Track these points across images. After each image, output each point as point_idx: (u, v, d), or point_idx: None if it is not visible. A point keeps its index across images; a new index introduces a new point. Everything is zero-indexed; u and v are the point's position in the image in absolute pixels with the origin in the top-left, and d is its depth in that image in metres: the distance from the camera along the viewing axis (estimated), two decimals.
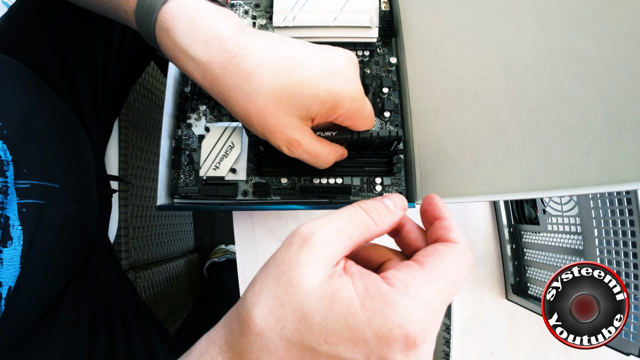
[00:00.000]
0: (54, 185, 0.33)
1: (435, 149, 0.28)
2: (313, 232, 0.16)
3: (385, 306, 0.15)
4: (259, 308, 0.15)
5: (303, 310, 0.15)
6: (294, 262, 0.16)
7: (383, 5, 0.36)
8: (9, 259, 0.29)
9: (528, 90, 0.24)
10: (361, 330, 0.14)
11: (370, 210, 0.19)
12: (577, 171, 0.22)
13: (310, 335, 0.15)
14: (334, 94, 0.22)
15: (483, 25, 0.27)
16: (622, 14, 0.21)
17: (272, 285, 0.16)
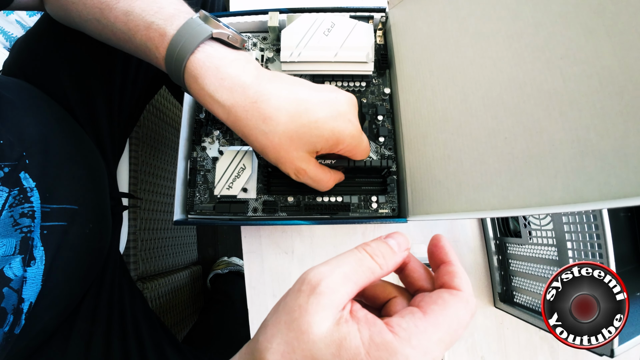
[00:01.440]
0: (74, 207, 0.36)
1: (424, 170, 0.32)
2: (321, 280, 0.17)
3: (389, 355, 0.15)
4: (271, 353, 0.17)
5: (313, 356, 0.16)
6: (303, 310, 0.17)
7: (378, 39, 0.40)
8: (32, 277, 0.31)
9: (503, 121, 0.28)
10: None
11: (375, 254, 0.19)
12: (545, 192, 0.25)
13: None
14: (336, 133, 0.27)
15: (465, 63, 0.31)
16: (587, 55, 0.25)
17: (284, 331, 0.17)
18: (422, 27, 0.35)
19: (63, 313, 0.38)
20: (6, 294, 0.29)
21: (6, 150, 0.30)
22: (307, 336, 0.16)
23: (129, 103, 0.48)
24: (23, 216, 0.30)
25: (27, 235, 0.31)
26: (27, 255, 0.31)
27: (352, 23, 0.36)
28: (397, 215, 0.35)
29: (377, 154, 0.36)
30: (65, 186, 0.35)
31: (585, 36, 0.25)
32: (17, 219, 0.30)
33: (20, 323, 0.31)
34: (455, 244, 0.44)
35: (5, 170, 0.30)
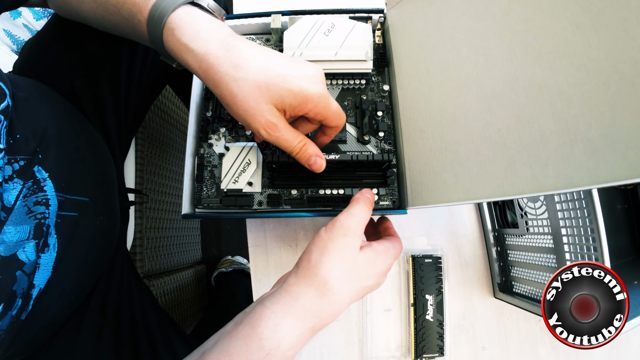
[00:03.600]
0: (85, 199, 0.37)
1: (422, 163, 0.33)
2: (357, 227, 0.28)
3: (384, 257, 0.30)
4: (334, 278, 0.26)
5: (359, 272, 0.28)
6: (350, 247, 0.28)
7: (377, 38, 0.42)
8: (45, 264, 0.32)
9: (496, 114, 0.29)
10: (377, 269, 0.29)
11: (369, 205, 0.31)
12: (537, 180, 0.27)
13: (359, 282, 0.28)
14: (304, 90, 0.28)
15: (459, 60, 0.32)
16: (575, 48, 0.26)
17: (339, 263, 0.27)
18: (418, 27, 0.36)
19: (71, 304, 0.39)
20: (19, 277, 0.30)
21: (22, 145, 0.31)
22: (356, 263, 0.28)
23: (135, 102, 0.49)
24: (37, 204, 0.31)
25: (41, 222, 0.32)
26: (42, 242, 0.32)
27: (351, 23, 0.37)
28: (397, 207, 0.36)
29: (378, 149, 0.37)
30: (77, 179, 0.37)
31: (572, 31, 0.26)
32: (31, 207, 0.31)
33: (28, 308, 0.31)
34: (454, 237, 0.45)
35: (21, 163, 0.31)
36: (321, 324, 0.26)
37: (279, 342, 0.24)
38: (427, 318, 0.42)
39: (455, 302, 0.44)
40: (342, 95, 0.39)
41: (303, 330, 0.26)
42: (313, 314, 0.26)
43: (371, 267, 0.28)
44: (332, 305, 0.26)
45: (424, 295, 0.42)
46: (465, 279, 0.45)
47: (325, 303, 0.26)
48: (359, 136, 0.37)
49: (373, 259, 0.29)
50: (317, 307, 0.26)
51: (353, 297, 0.28)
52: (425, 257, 0.42)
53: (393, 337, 0.43)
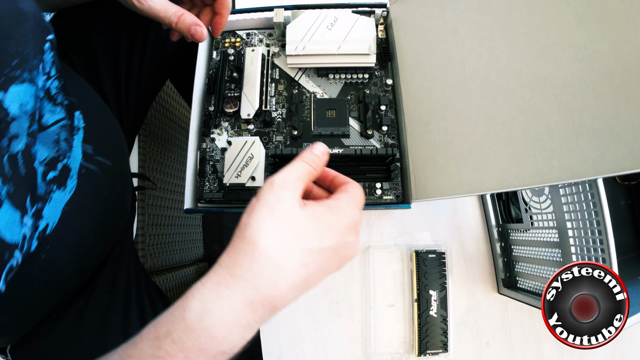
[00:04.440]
0: (108, 162, 0.38)
1: (426, 157, 0.33)
2: (285, 180, 0.24)
3: (341, 211, 0.24)
4: (263, 237, 0.22)
5: (299, 227, 0.23)
6: (280, 200, 0.23)
7: (380, 33, 0.41)
8: (57, 199, 0.32)
9: (501, 106, 0.29)
10: (334, 225, 0.24)
11: (310, 161, 0.26)
12: (542, 172, 0.26)
13: (307, 240, 0.23)
14: None
15: (463, 53, 0.32)
16: (579, 41, 0.26)
17: (269, 220, 0.22)
18: (421, 21, 0.36)
19: (78, 266, 0.38)
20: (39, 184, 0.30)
21: (69, 89, 0.32)
22: (291, 216, 0.23)
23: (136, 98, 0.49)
24: (65, 141, 0.32)
25: (59, 158, 0.32)
26: (57, 176, 0.32)
27: (354, 17, 0.37)
28: (401, 201, 0.36)
29: (381, 143, 0.37)
30: (104, 142, 0.38)
31: (576, 23, 0.26)
32: (60, 139, 0.32)
33: (33, 243, 0.30)
34: (458, 232, 0.45)
35: (65, 102, 0.32)
36: (260, 296, 0.22)
37: (202, 314, 0.21)
38: (431, 314, 0.41)
39: (459, 297, 0.44)
40: (345, 89, 0.39)
41: (234, 303, 0.21)
42: (244, 282, 0.21)
43: (324, 224, 0.23)
44: (269, 270, 0.22)
45: (428, 291, 0.41)
46: (469, 274, 0.44)
47: (258, 268, 0.21)
48: (362, 130, 0.37)
49: (324, 214, 0.24)
50: (249, 274, 0.21)
51: (304, 261, 0.23)
52: (429, 253, 0.42)
53: (396, 333, 0.43)
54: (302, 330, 0.43)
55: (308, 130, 0.38)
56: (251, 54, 0.39)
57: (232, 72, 0.40)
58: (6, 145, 0.27)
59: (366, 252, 0.43)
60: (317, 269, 0.23)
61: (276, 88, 0.39)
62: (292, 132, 0.37)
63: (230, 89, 0.39)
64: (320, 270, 0.24)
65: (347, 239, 0.25)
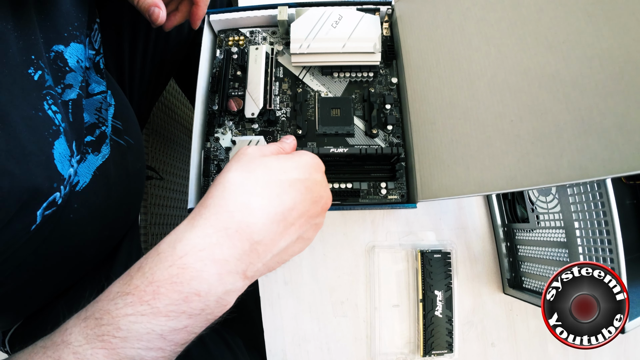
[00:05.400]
0: (132, 141, 0.40)
1: (432, 156, 0.32)
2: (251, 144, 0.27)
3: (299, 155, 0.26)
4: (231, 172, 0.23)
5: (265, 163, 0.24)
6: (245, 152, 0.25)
7: (385, 31, 0.41)
8: (90, 161, 0.33)
9: (509, 105, 0.29)
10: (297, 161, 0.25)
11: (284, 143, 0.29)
12: (551, 171, 0.26)
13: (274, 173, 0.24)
14: None
15: (470, 50, 0.32)
16: (588, 39, 0.26)
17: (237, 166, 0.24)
18: (427, 18, 0.36)
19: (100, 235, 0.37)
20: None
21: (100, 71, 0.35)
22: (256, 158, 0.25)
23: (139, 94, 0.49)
24: (105, 111, 0.36)
25: (98, 125, 0.35)
26: (95, 143, 0.34)
27: (359, 15, 0.37)
28: (406, 201, 0.36)
29: (386, 142, 0.37)
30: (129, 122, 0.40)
31: (585, 20, 0.26)
32: (102, 108, 0.36)
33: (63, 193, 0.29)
34: (463, 232, 0.45)
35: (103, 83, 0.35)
36: (235, 222, 0.21)
37: (175, 242, 0.20)
38: (436, 314, 0.41)
39: (464, 298, 0.44)
40: (350, 88, 0.39)
41: (207, 230, 0.21)
42: (217, 208, 0.22)
43: (287, 161, 0.25)
44: (240, 196, 0.22)
45: (433, 291, 0.41)
46: (475, 274, 0.44)
47: (228, 196, 0.22)
48: (367, 129, 0.37)
49: (284, 156, 0.25)
50: (222, 201, 0.22)
51: (274, 191, 0.23)
52: (434, 253, 0.41)
53: (401, 334, 0.43)
54: (306, 330, 0.42)
55: (312, 129, 0.37)
56: (255, 52, 0.38)
57: (235, 71, 0.39)
58: (60, 92, 0.30)
59: (371, 252, 0.43)
60: (292, 204, 0.23)
61: (280, 87, 0.39)
62: (296, 131, 0.37)
63: (234, 87, 0.39)
64: (296, 207, 0.23)
65: (314, 176, 0.25)
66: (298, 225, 0.24)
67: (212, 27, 0.41)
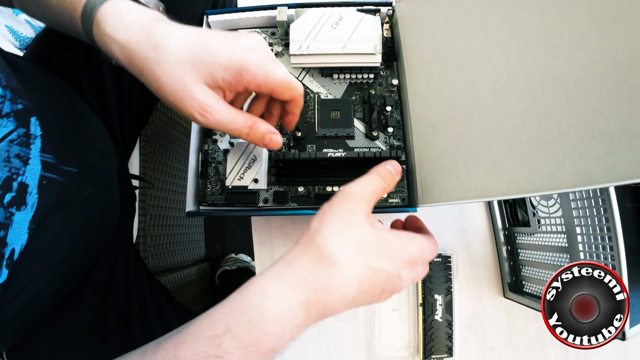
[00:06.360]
0: (73, 169, 0.35)
1: (433, 159, 0.32)
2: (362, 193, 0.25)
3: (405, 244, 0.25)
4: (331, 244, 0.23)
5: (366, 243, 0.24)
6: (353, 213, 0.24)
7: (385, 32, 0.41)
8: (19, 222, 0.30)
9: (511, 108, 0.28)
10: (395, 253, 0.24)
11: (385, 177, 0.28)
12: (554, 177, 0.26)
13: (368, 257, 0.24)
14: (235, 61, 0.25)
15: (472, 52, 0.31)
16: (592, 41, 0.25)
17: (339, 229, 0.24)
18: (428, 19, 0.35)
19: (60, 280, 0.36)
20: None
21: (22, 93, 0.30)
22: (360, 231, 0.24)
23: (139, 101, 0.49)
24: (17, 157, 0.29)
25: (13, 177, 0.29)
26: (13, 197, 0.29)
27: (359, 16, 0.36)
28: (407, 204, 0.35)
29: (387, 144, 0.36)
30: (68, 147, 0.36)
31: (589, 23, 0.26)
32: (10, 156, 0.29)
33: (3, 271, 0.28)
34: (463, 235, 0.44)
35: (19, 107, 0.29)
36: (316, 300, 0.22)
37: (264, 309, 0.21)
38: (436, 318, 0.41)
39: (464, 301, 0.43)
40: (350, 89, 0.38)
41: (292, 302, 0.22)
42: (307, 283, 0.22)
43: (386, 246, 0.24)
44: (331, 277, 0.22)
45: (433, 295, 0.41)
46: (475, 278, 0.44)
47: (321, 273, 0.22)
48: (368, 132, 0.37)
49: (389, 238, 0.25)
50: (312, 277, 0.22)
51: (360, 276, 0.23)
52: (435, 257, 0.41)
53: (401, 338, 0.43)
54: (305, 334, 0.42)
55: (312, 131, 0.37)
56: None
57: None
58: None
59: None
60: (367, 289, 0.24)
61: None
62: (295, 134, 0.36)
63: None
64: (368, 292, 0.24)
65: (401, 272, 0.25)
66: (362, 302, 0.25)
67: (211, 27, 0.40)
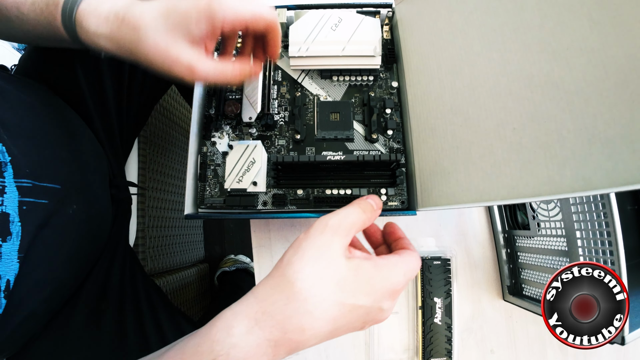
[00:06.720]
0: (56, 186, 0.35)
1: (433, 162, 0.32)
2: (340, 225, 0.24)
3: (385, 275, 0.24)
4: (302, 280, 0.22)
5: (341, 279, 0.22)
6: (328, 246, 0.23)
7: (385, 34, 0.40)
8: (7, 253, 0.30)
9: (511, 112, 0.28)
10: (374, 286, 0.23)
11: (366, 210, 0.26)
12: (554, 181, 0.26)
13: (343, 294, 0.22)
14: (201, 11, 0.26)
15: (473, 56, 0.31)
16: (593, 45, 0.25)
17: (312, 263, 0.22)
18: (428, 22, 0.35)
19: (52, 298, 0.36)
20: None
21: None
22: (334, 265, 0.23)
23: (138, 101, 0.49)
24: None
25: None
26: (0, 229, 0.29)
27: (359, 18, 0.36)
28: (406, 207, 0.35)
29: (386, 147, 0.36)
30: (48, 166, 0.35)
31: (590, 27, 0.25)
32: None
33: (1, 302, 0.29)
34: (463, 238, 0.44)
35: None
36: (285, 339, 0.21)
37: (230, 348, 0.21)
38: (435, 321, 0.41)
39: (464, 304, 0.43)
40: (349, 92, 0.38)
41: (260, 341, 0.21)
42: (275, 322, 0.21)
43: (364, 281, 0.23)
44: (300, 316, 0.21)
45: (432, 298, 0.41)
46: (475, 281, 0.44)
47: (291, 311, 0.21)
48: (367, 134, 0.36)
49: (367, 271, 0.23)
50: (281, 315, 0.21)
51: (335, 314, 0.22)
52: (434, 259, 0.41)
53: (400, 340, 0.43)
54: None
55: (311, 134, 0.37)
56: None
57: None
58: None
59: None
60: (344, 325, 0.23)
61: (278, 90, 0.38)
62: (294, 136, 0.36)
63: (231, 91, 0.38)
64: (346, 327, 0.23)
65: (382, 304, 0.24)
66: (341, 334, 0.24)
67: None
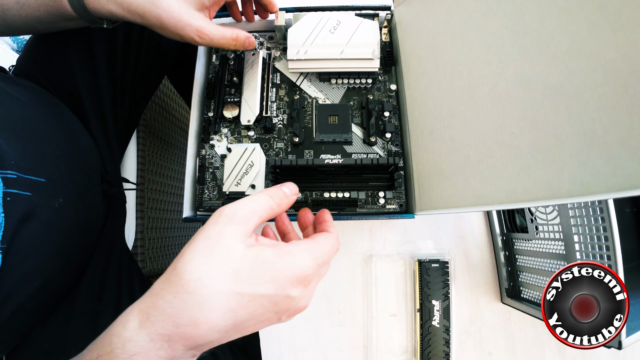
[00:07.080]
0: (40, 179, 0.35)
1: (431, 166, 0.32)
2: (235, 213, 0.22)
3: (290, 260, 0.22)
4: (191, 272, 0.20)
5: (237, 268, 0.21)
6: (221, 235, 0.21)
7: (384, 36, 0.40)
8: None
9: (510, 116, 0.28)
10: (276, 273, 0.21)
11: (274, 196, 0.25)
12: (552, 185, 0.26)
13: (238, 283, 0.20)
14: None
15: (471, 59, 0.31)
16: (591, 49, 0.25)
17: (202, 253, 0.21)
18: (427, 25, 0.35)
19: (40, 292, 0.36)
20: None
21: None
22: (227, 254, 0.21)
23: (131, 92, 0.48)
24: None
25: None
26: None
27: (357, 21, 0.36)
28: (404, 210, 0.35)
29: (384, 150, 0.36)
30: (33, 159, 0.35)
31: (589, 31, 0.25)
32: None
33: None
34: (462, 241, 0.44)
35: None
36: (179, 333, 0.20)
37: (125, 342, 0.20)
38: (434, 324, 0.41)
39: (462, 307, 0.43)
40: (348, 94, 0.38)
41: (153, 335, 0.20)
42: (165, 316, 0.20)
43: (264, 268, 0.21)
44: (190, 308, 0.20)
45: (430, 301, 0.41)
46: (473, 283, 0.44)
47: (179, 304, 0.20)
48: (365, 137, 0.36)
49: (269, 259, 0.21)
50: (171, 309, 0.20)
51: (232, 305, 0.20)
52: (432, 262, 0.41)
53: (398, 343, 0.43)
54: (303, 340, 0.42)
55: (310, 136, 0.37)
56: (251, 57, 0.38)
57: (232, 77, 0.39)
58: None
59: (368, 261, 0.42)
60: (249, 317, 0.21)
61: (277, 93, 0.38)
62: (293, 139, 0.36)
63: (230, 93, 0.38)
64: (253, 319, 0.22)
65: (290, 292, 0.22)
66: (255, 327, 0.23)
67: None
